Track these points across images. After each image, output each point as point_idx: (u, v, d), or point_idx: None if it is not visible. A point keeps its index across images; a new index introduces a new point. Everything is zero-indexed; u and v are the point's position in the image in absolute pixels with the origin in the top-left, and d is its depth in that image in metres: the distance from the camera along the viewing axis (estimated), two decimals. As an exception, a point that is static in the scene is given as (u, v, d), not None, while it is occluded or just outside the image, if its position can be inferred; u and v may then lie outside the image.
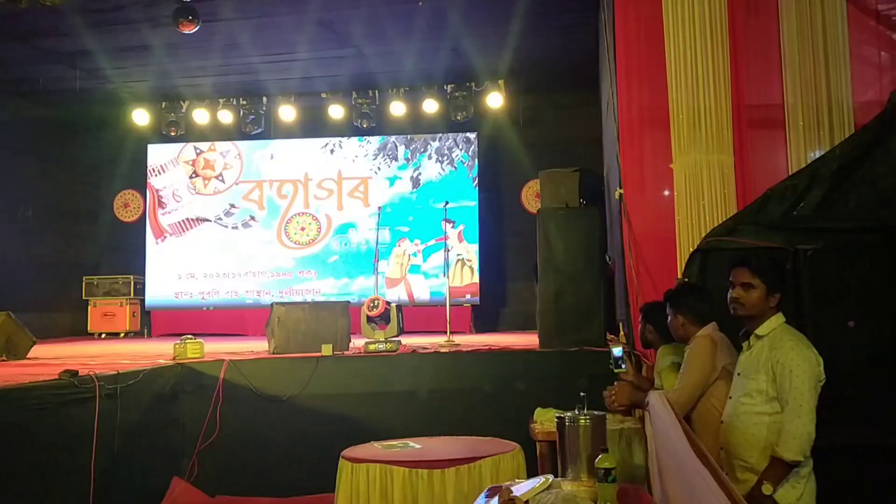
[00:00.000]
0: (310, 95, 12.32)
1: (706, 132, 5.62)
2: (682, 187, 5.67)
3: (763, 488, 3.17)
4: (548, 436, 4.88)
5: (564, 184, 7.61)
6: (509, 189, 12.64)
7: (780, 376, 3.25)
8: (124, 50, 10.31)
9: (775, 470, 3.20)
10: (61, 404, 5.12)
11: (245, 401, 6.81)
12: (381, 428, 6.10)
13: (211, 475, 6.71)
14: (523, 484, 3.14)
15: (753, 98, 5.67)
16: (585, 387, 3.55)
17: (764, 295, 3.41)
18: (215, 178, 13.09)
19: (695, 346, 3.87)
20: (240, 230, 12.90)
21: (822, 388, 3.27)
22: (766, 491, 3.16)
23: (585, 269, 7.18)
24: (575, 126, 11.43)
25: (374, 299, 7.60)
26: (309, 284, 12.49)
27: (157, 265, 12.93)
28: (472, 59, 10.80)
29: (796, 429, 3.17)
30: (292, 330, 7.43)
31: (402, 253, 12.33)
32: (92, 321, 12.51)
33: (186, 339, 7.23)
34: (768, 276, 3.42)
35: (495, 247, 12.44)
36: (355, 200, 12.71)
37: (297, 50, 10.43)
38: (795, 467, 3.19)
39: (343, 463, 4.61)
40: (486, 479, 4.33)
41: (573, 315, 7.09)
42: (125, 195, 13.47)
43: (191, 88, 12.21)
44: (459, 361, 7.17)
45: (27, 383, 5.01)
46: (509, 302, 12.37)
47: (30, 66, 10.90)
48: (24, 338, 7.55)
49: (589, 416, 3.24)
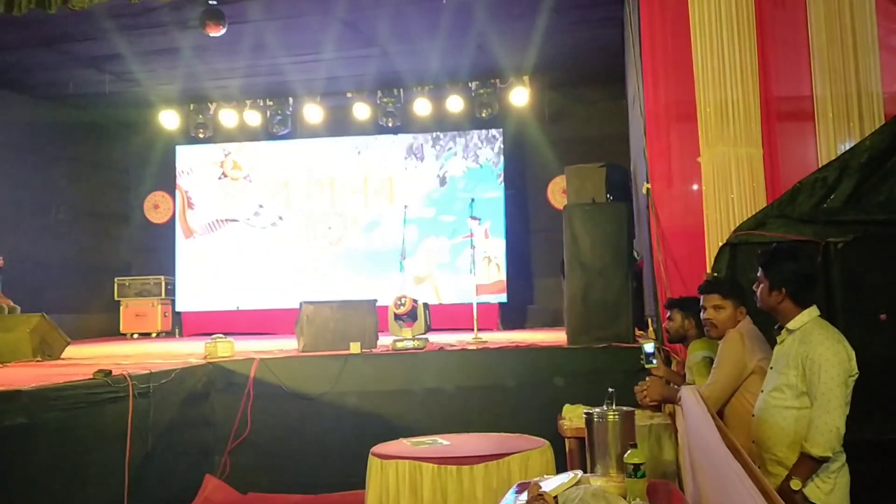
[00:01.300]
0: (335, 95, 12.37)
1: (734, 125, 5.58)
2: (711, 181, 5.63)
3: (791, 483, 3.15)
4: (576, 432, 4.88)
5: (591, 179, 7.58)
6: (535, 185, 12.60)
7: (809, 371, 3.22)
8: (153, 53, 10.42)
9: (804, 465, 3.18)
10: (95, 403, 5.20)
11: (275, 399, 6.87)
12: (409, 425, 6.13)
13: (242, 473, 6.78)
14: (552, 479, 3.14)
15: (782, 90, 5.62)
16: (618, 382, 3.55)
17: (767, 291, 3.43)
18: (243, 178, 13.20)
19: (728, 341, 3.85)
20: (268, 230, 13.00)
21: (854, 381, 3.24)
22: (795, 486, 3.14)
23: (613, 265, 7.14)
24: (601, 121, 11.37)
25: (402, 297, 7.62)
26: (336, 283, 12.55)
27: (187, 266, 13.08)
28: (497, 56, 10.78)
29: (824, 424, 3.14)
30: (321, 328, 7.48)
31: (428, 251, 12.35)
32: (124, 322, 12.68)
33: (217, 339, 7.31)
34: (770, 273, 3.44)
35: (522, 244, 12.41)
36: (381, 199, 12.75)
37: (323, 50, 10.48)
38: (824, 463, 3.16)
39: (372, 459, 4.64)
40: (515, 475, 4.34)
41: (601, 311, 7.05)
42: (155, 197, 13.63)
43: (218, 90, 12.32)
44: (487, 358, 7.17)
45: (62, 383, 5.08)
46: (536, 299, 12.34)
47: (60, 71, 11.05)
48: (59, 338, 7.66)
49: (617, 411, 3.24)
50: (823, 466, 3.17)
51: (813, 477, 3.18)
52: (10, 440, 4.37)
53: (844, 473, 3.25)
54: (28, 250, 11.28)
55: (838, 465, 3.22)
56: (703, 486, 2.86)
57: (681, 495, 3.16)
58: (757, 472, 2.34)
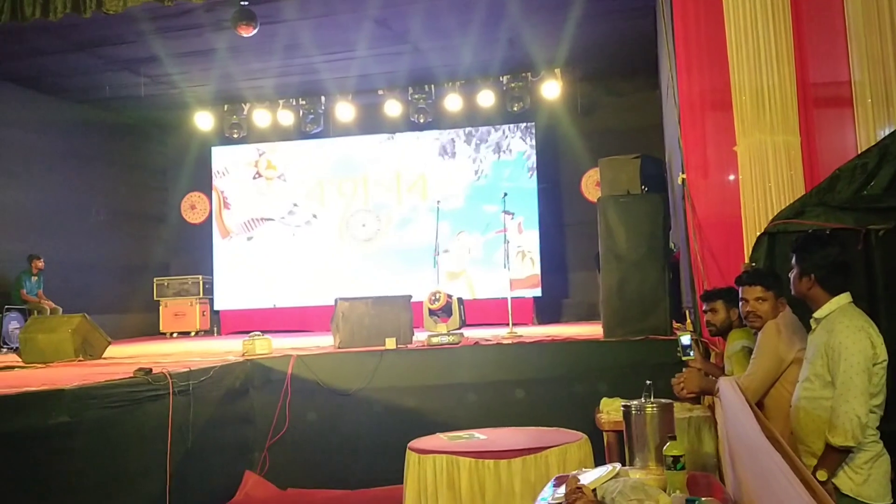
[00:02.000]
0: (367, 93, 12.42)
1: (770, 112, 5.47)
2: (747, 170, 5.53)
3: (818, 475, 3.09)
4: (614, 425, 4.85)
5: (625, 171, 7.51)
6: (568, 178, 12.53)
7: (831, 360, 3.17)
8: (187, 55, 10.54)
9: (828, 456, 3.12)
10: (137, 401, 5.27)
11: (313, 395, 6.92)
12: (445, 419, 6.14)
13: (281, 468, 6.84)
14: (590, 472, 3.12)
15: (819, 75, 5.50)
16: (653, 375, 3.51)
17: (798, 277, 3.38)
18: (277, 178, 13.31)
19: (767, 331, 3.79)
20: (302, 228, 13.09)
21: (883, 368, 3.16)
22: (821, 477, 3.08)
23: (649, 257, 7.07)
24: (634, 112, 11.28)
25: (436, 293, 7.62)
26: (371, 279, 12.59)
27: (224, 265, 13.23)
28: (528, 49, 10.74)
29: (844, 413, 3.08)
30: (356, 324, 7.51)
31: (462, 246, 12.34)
32: (164, 321, 12.87)
33: (255, 336, 7.37)
34: (800, 260, 3.38)
35: (556, 237, 12.36)
36: (414, 195, 12.77)
37: (355, 48, 10.52)
38: (849, 453, 3.09)
39: (410, 454, 4.65)
40: (553, 468, 4.32)
41: (637, 304, 6.99)
42: (192, 197, 13.80)
43: (252, 90, 12.43)
44: (522, 353, 7.15)
45: (104, 382, 5.16)
46: (572, 292, 12.29)
47: (96, 75, 11.23)
48: (100, 338, 7.79)
49: (655, 403, 3.21)
50: (851, 457, 3.11)
51: (843, 467, 3.11)
52: (53, 438, 4.45)
53: (881, 464, 3.17)
54: (68, 252, 11.49)
55: (871, 456, 3.14)
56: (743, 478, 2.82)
57: (721, 487, 3.12)
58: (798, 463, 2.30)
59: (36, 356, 7.28)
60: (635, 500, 2.68)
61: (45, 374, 6.11)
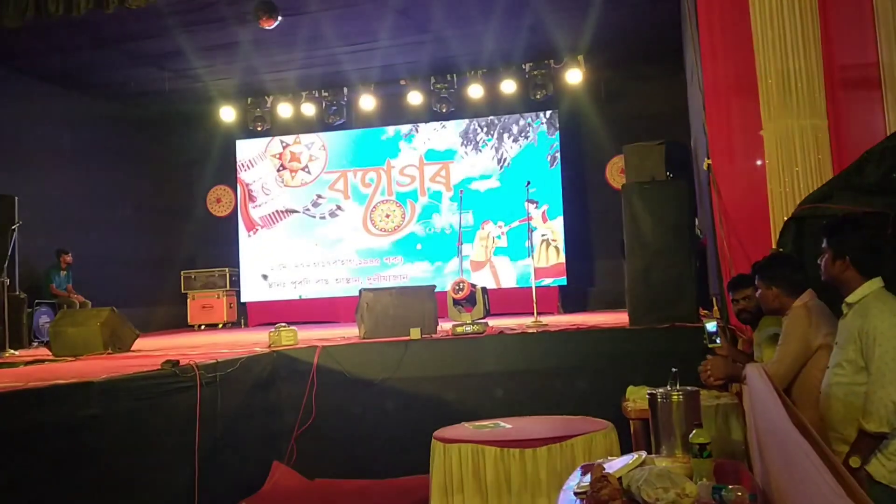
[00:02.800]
0: (389, 83, 12.41)
1: (797, 96, 5.39)
2: (774, 155, 5.45)
3: (850, 461, 3.05)
4: (641, 413, 4.81)
5: (650, 157, 7.45)
6: (593, 166, 12.46)
7: (865, 345, 3.12)
8: (211, 48, 10.59)
9: (862, 441, 3.08)
10: (165, 393, 5.33)
11: (338, 385, 6.95)
12: (471, 409, 6.14)
13: (309, 459, 6.88)
14: (616, 461, 3.11)
15: (846, 58, 5.41)
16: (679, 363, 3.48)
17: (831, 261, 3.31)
18: (301, 170, 13.36)
19: (793, 317, 3.74)
20: (327, 220, 13.15)
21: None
22: (854, 464, 3.04)
23: (674, 244, 7.02)
24: (658, 98, 11.17)
25: (460, 282, 7.61)
26: (395, 270, 12.65)
27: (250, 257, 13.32)
28: (551, 36, 10.67)
29: (879, 399, 3.03)
30: (381, 315, 7.53)
31: (486, 236, 12.33)
32: (191, 313, 13.00)
33: (280, 327, 7.42)
34: (834, 243, 3.32)
35: (580, 226, 12.29)
36: (437, 185, 12.77)
37: (378, 38, 10.52)
38: (884, 439, 3.05)
39: (435, 444, 4.66)
40: (579, 457, 4.31)
41: (663, 291, 6.95)
42: (217, 190, 13.89)
43: (275, 83, 12.47)
44: (547, 341, 7.13)
45: (132, 374, 5.22)
46: (597, 281, 12.22)
47: (121, 70, 11.32)
48: (128, 331, 7.87)
49: (681, 391, 3.18)
50: (884, 443, 3.06)
51: (876, 454, 3.07)
52: (83, 430, 4.50)
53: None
54: (97, 246, 11.62)
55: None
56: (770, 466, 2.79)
57: (749, 475, 3.09)
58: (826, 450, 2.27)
59: (66, 349, 7.38)
60: (661, 489, 2.66)
61: (74, 366, 6.19)
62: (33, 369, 6.28)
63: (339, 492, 6.52)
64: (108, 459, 4.71)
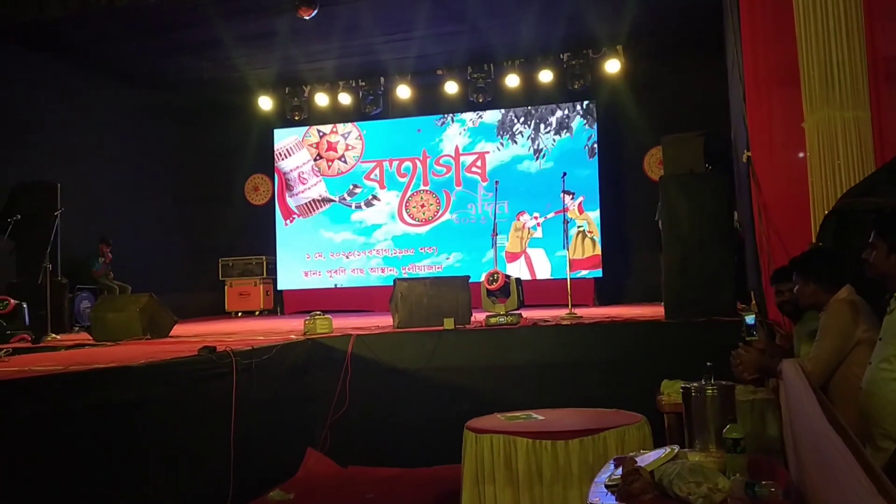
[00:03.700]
0: (426, 73, 12.41)
1: (840, 87, 5.27)
2: (815, 147, 5.34)
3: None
4: (675, 408, 4.76)
5: (688, 149, 7.37)
6: (630, 157, 12.33)
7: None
8: (249, 38, 10.68)
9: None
10: (202, 379, 5.40)
11: (372, 374, 6.99)
12: (503, 400, 6.11)
13: (342, 446, 6.94)
14: (648, 455, 3.09)
15: (891, 48, 5.27)
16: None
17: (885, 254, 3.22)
18: (338, 159, 13.42)
19: (832, 312, 3.67)
20: (363, 209, 13.20)
21: None
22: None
23: (712, 237, 6.94)
24: (698, 89, 11.01)
25: (494, 273, 7.60)
26: (430, 260, 12.67)
27: (286, 246, 13.44)
28: (590, 26, 10.58)
29: None
30: (415, 305, 7.55)
31: (521, 226, 12.29)
32: (229, 301, 13.16)
33: (316, 316, 7.48)
34: (889, 236, 3.22)
35: (617, 217, 12.19)
36: (473, 175, 12.75)
37: (414, 28, 10.51)
38: None
39: (467, 434, 4.66)
40: (612, 450, 4.28)
41: (700, 285, 6.88)
42: (255, 179, 14.01)
43: (312, 72, 12.54)
44: (581, 334, 7.10)
45: (170, 359, 5.30)
46: (633, 273, 12.12)
47: (160, 59, 11.47)
48: (166, 317, 7.99)
49: (716, 385, 3.15)
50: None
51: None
52: (121, 414, 4.58)
53: None
54: (136, 234, 11.81)
55: None
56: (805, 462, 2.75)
57: (784, 471, 3.05)
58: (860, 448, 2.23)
59: (105, 334, 7.51)
60: (693, 483, 2.64)
61: (113, 351, 6.30)
62: (74, 353, 6.40)
63: (372, 479, 6.57)
64: (145, 443, 4.79)
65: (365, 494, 6.13)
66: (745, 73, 5.90)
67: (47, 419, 4.06)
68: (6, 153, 10.13)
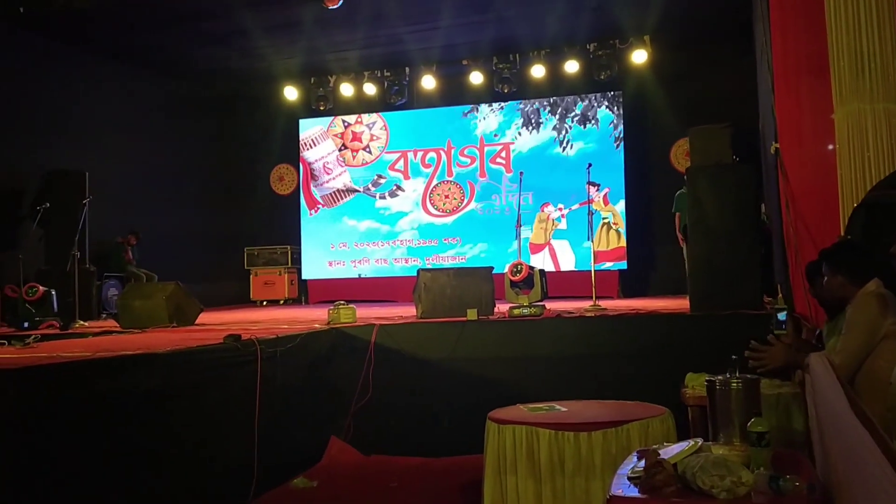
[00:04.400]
0: (451, 63, 12.39)
1: (870, 79, 5.21)
2: (845, 139, 5.28)
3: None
4: (699, 401, 4.73)
5: (716, 140, 7.29)
6: (656, 148, 12.24)
7: None
8: (276, 28, 10.71)
9: None
10: (227, 366, 5.43)
11: (395, 364, 7.00)
12: (526, 391, 6.12)
13: (365, 435, 6.96)
14: (672, 447, 3.07)
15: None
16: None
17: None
18: (362, 149, 13.45)
19: (859, 304, 3.62)
20: (387, 200, 13.23)
21: None
22: None
23: (739, 229, 6.87)
24: (726, 80, 10.89)
25: (517, 264, 7.58)
26: (454, 251, 12.68)
27: (311, 236, 13.50)
28: (616, 15, 10.50)
29: None
30: (438, 295, 7.56)
31: (545, 218, 12.25)
32: (254, 289, 13.26)
33: (339, 305, 7.50)
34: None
35: (643, 209, 12.12)
36: (497, 166, 12.72)
37: (440, 18, 10.49)
38: None
39: (490, 424, 4.66)
40: (635, 442, 4.26)
41: (726, 277, 6.81)
42: (280, 169, 14.08)
43: (338, 63, 12.56)
44: (605, 325, 7.06)
45: (195, 347, 5.33)
46: (659, 266, 12.04)
47: (187, 49, 11.54)
48: (192, 305, 8.06)
49: (741, 378, 3.12)
50: None
51: None
52: (147, 400, 4.62)
53: None
54: (163, 222, 11.90)
55: None
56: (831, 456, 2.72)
57: (809, 465, 3.02)
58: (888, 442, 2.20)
59: (132, 321, 7.59)
60: (717, 476, 2.61)
61: (140, 338, 6.36)
62: (101, 340, 6.47)
63: (394, 468, 6.59)
64: (170, 429, 4.83)
65: (388, 483, 6.15)
66: (774, 63, 5.84)
67: (75, 403, 4.11)
68: (36, 143, 10.26)
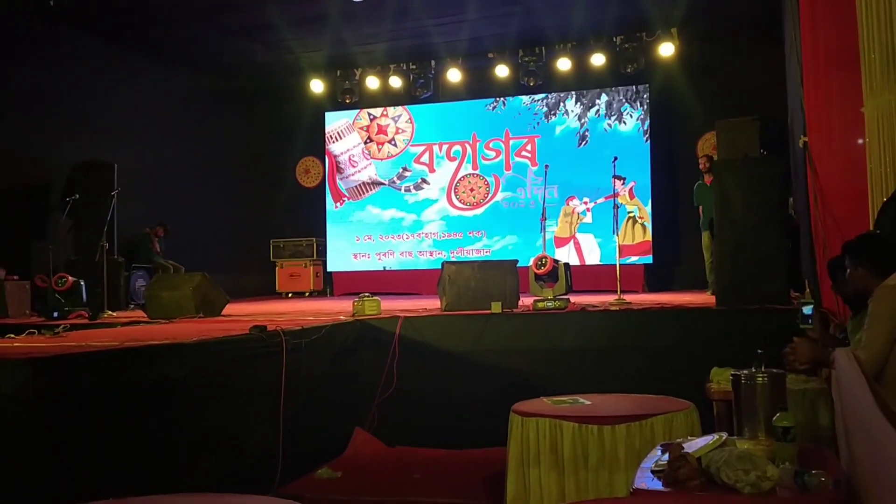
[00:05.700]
0: (476, 56, 12.37)
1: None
2: (875, 132, 5.20)
3: None
4: (724, 395, 4.72)
5: (743, 133, 7.24)
6: (683, 142, 12.15)
7: None
8: (302, 21, 10.76)
9: None
10: (252, 357, 5.48)
11: (419, 356, 7.03)
12: (550, 384, 6.11)
13: (389, 426, 7.01)
14: (696, 441, 3.06)
15: (956, 31, 5.11)
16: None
17: None
18: (388, 142, 13.48)
19: (880, 298, 3.57)
20: (412, 192, 13.25)
21: None
22: None
23: (766, 224, 6.82)
24: (754, 72, 10.78)
25: (542, 257, 7.58)
26: (478, 244, 12.68)
27: (336, 228, 13.56)
28: (643, 8, 10.42)
29: None
30: (463, 287, 7.57)
31: (570, 211, 12.21)
32: (279, 281, 13.35)
33: (364, 297, 7.54)
34: None
35: (669, 203, 12.03)
36: (523, 160, 12.70)
37: (465, 10, 10.48)
38: None
39: (513, 416, 4.67)
40: (659, 436, 4.25)
41: (753, 271, 6.76)
42: (306, 162, 14.15)
43: (364, 56, 12.59)
44: (630, 319, 7.04)
45: (222, 337, 5.38)
46: (684, 260, 11.96)
47: (214, 42, 11.63)
48: (219, 296, 8.13)
49: (766, 373, 3.09)
50: None
51: None
52: (174, 390, 4.68)
53: None
54: (190, 214, 12.02)
55: None
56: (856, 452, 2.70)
57: (835, 460, 2.99)
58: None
59: (160, 312, 7.67)
60: (741, 471, 2.61)
61: (167, 329, 6.42)
62: (129, 330, 6.55)
63: (418, 460, 6.62)
64: (196, 419, 4.89)
65: (411, 474, 6.19)
66: (804, 55, 5.77)
67: (103, 392, 4.17)
68: (65, 135, 10.39)
